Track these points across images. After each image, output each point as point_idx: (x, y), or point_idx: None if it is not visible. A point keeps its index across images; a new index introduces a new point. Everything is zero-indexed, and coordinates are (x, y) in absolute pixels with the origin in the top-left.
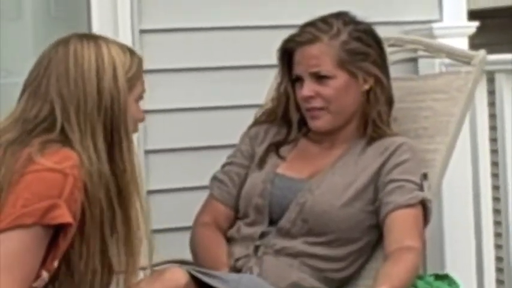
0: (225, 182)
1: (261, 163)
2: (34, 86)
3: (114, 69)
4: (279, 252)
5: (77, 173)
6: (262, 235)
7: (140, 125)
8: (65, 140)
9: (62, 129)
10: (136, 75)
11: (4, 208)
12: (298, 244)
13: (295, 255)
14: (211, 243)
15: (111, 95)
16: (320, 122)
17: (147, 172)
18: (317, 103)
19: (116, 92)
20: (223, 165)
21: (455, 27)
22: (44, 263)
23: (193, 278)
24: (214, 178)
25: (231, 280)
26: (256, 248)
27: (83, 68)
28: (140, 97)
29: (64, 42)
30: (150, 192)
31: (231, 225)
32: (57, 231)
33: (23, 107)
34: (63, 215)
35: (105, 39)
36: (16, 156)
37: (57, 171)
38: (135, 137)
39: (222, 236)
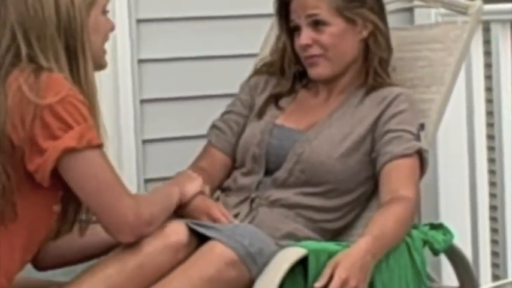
0: (224, 130)
1: (261, 113)
2: None
3: None
4: (273, 203)
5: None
6: (258, 185)
7: (135, 75)
8: (37, 65)
9: (28, 56)
10: None
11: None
12: (293, 195)
13: (290, 206)
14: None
15: (68, 14)
16: (319, 69)
17: (142, 122)
18: (315, 51)
19: (73, 10)
20: (223, 114)
21: None
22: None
23: (190, 229)
24: (213, 126)
25: (226, 229)
26: (252, 200)
27: None
28: (104, 9)
29: None
30: (145, 141)
31: (228, 174)
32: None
33: None
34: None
35: None
36: (4, 96)
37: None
38: (129, 86)
39: (209, 178)
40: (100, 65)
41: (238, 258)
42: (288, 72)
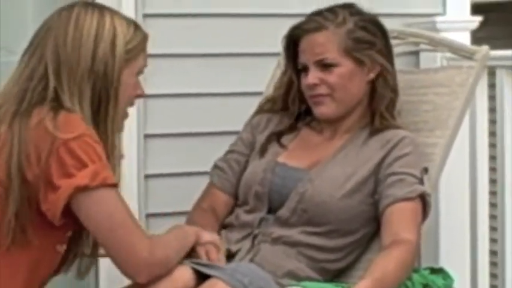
0: (225, 169)
1: (262, 151)
2: (34, 46)
3: (114, 37)
4: (276, 240)
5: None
6: (260, 222)
7: (140, 110)
8: (58, 104)
9: (55, 91)
10: (138, 48)
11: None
12: (295, 233)
13: (293, 244)
14: (200, 220)
15: (105, 61)
16: (324, 108)
17: (146, 156)
18: (322, 90)
19: (111, 60)
20: (225, 154)
21: (459, 22)
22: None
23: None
24: (215, 166)
25: (228, 268)
26: (254, 237)
27: (82, 32)
28: (140, 71)
29: (68, 7)
30: (147, 176)
31: (230, 212)
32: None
33: (22, 68)
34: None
35: (111, 10)
36: (25, 128)
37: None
38: (134, 120)
39: (214, 220)
40: (118, 128)
41: None
42: (291, 109)
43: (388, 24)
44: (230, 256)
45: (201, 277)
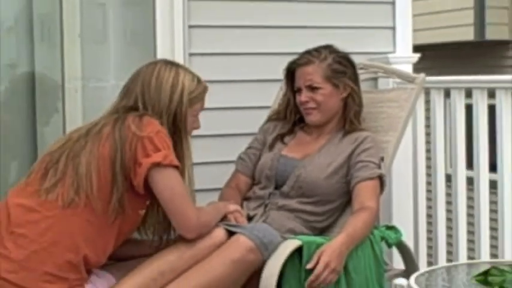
0: (246, 159)
1: (271, 147)
2: (127, 88)
3: (182, 90)
4: (280, 208)
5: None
6: (270, 195)
7: None
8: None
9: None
10: (198, 97)
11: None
12: (294, 203)
13: (292, 210)
14: (229, 196)
15: (176, 105)
16: (312, 117)
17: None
18: (311, 105)
19: (180, 104)
20: (246, 149)
21: (404, 57)
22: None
23: (225, 230)
24: (239, 158)
25: (248, 227)
26: (265, 206)
27: (162, 82)
28: (198, 113)
29: (154, 63)
30: (193, 164)
31: (249, 189)
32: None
33: (117, 102)
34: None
35: (185, 69)
36: (123, 128)
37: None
38: None
39: (238, 195)
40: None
41: (255, 246)
42: (289, 118)
43: (356, 58)
44: (248, 219)
45: (230, 234)
